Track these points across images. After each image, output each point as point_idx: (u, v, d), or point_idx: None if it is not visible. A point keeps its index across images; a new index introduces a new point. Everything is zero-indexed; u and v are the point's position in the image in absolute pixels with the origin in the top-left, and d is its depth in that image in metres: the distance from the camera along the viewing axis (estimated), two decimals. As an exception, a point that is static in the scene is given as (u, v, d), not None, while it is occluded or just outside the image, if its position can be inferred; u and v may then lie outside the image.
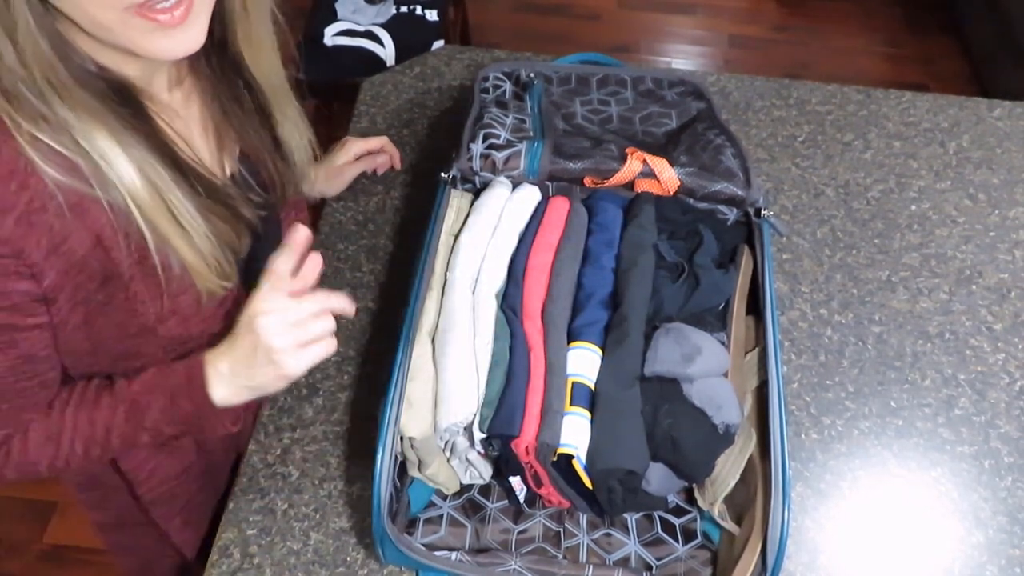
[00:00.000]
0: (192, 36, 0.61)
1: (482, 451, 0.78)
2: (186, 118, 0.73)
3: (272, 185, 0.82)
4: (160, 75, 0.70)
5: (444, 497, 0.84)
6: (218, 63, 0.74)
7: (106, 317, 0.68)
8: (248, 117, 0.78)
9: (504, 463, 0.77)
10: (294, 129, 0.82)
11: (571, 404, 0.75)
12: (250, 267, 0.76)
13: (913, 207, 1.19)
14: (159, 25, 0.59)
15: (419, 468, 0.80)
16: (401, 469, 0.80)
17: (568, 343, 0.80)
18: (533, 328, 0.80)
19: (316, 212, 1.13)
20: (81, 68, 0.61)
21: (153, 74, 0.69)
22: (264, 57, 0.76)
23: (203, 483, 0.97)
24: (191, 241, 0.67)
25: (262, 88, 0.77)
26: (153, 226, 0.64)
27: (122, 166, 0.62)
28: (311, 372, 0.74)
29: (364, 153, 1.12)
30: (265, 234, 0.80)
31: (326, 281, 1.05)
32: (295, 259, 0.69)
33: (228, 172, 0.78)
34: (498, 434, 0.74)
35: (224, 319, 0.76)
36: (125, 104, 0.64)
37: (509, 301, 0.82)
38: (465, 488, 0.85)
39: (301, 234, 0.70)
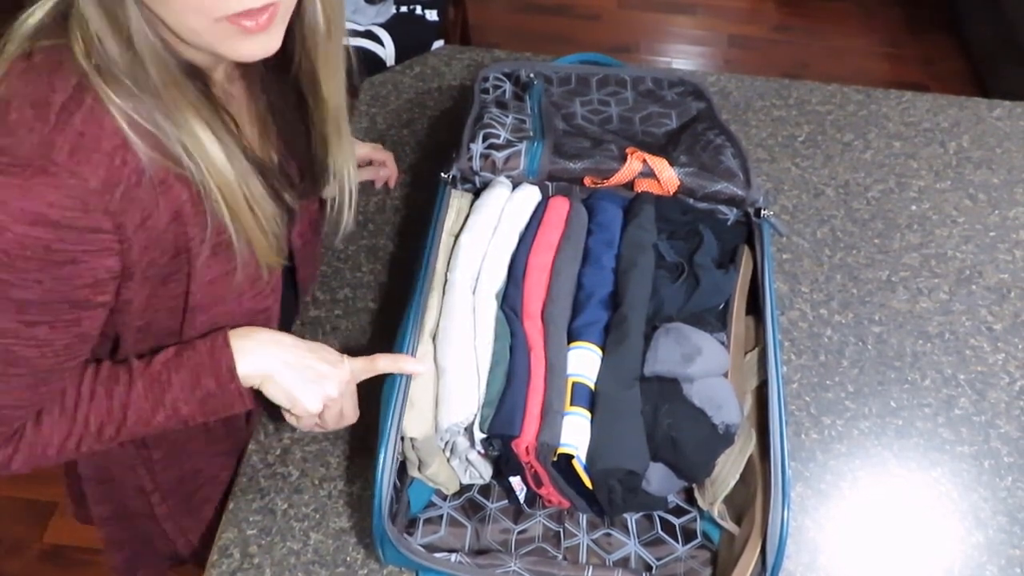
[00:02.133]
0: (272, 40, 0.66)
1: (482, 451, 0.78)
2: (238, 107, 0.77)
3: (303, 180, 0.84)
4: (221, 67, 0.73)
5: (444, 497, 0.84)
6: (275, 65, 0.77)
7: (165, 291, 0.71)
8: (293, 118, 0.80)
9: (504, 463, 0.77)
10: (346, 147, 0.85)
11: (571, 404, 0.75)
12: None
13: (913, 207, 1.19)
14: (244, 31, 0.63)
15: (419, 468, 0.80)
16: (401, 469, 0.80)
17: (568, 343, 0.80)
18: (533, 328, 0.80)
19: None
20: (179, 58, 0.66)
21: (215, 66, 0.72)
22: (336, 78, 0.79)
23: (208, 477, 0.98)
24: (258, 220, 0.71)
25: (328, 106, 0.80)
26: (230, 204, 0.68)
27: (210, 146, 0.66)
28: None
29: (367, 160, 1.12)
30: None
31: (326, 281, 1.05)
32: (396, 372, 0.77)
33: (272, 159, 0.80)
34: (498, 434, 0.74)
35: (265, 305, 0.79)
36: (205, 90, 0.68)
37: (509, 301, 0.82)
38: (465, 488, 0.85)
39: (418, 368, 0.77)
